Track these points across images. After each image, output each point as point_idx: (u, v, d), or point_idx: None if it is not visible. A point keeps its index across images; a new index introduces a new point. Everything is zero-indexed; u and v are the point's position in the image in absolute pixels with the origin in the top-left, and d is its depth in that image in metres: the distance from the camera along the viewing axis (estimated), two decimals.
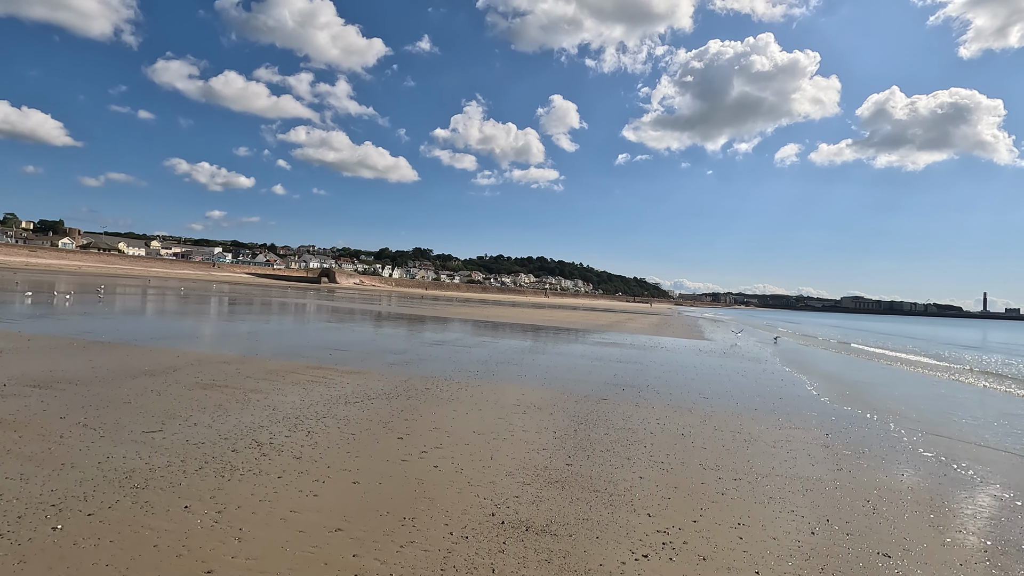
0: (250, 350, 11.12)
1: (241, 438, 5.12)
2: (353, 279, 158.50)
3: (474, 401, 7.57)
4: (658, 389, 9.64)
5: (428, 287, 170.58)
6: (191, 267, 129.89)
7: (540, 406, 7.55)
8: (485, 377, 9.68)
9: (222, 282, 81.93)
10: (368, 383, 8.31)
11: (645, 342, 20.40)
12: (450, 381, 8.98)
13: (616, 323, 34.52)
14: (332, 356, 11.01)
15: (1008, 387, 13.96)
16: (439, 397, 7.66)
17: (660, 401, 8.52)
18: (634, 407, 7.92)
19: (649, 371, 12.00)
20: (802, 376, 13.10)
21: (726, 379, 11.56)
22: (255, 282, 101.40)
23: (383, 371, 9.53)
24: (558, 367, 11.68)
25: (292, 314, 24.09)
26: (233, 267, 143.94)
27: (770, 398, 9.52)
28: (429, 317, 28.25)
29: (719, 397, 9.26)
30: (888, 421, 8.20)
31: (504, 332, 21.12)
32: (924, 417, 8.83)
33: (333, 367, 9.61)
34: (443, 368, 10.36)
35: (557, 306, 74.60)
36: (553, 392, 8.70)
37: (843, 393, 10.93)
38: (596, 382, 9.99)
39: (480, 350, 13.90)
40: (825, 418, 8.10)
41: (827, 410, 8.80)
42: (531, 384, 9.32)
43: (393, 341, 14.86)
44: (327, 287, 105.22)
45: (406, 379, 8.87)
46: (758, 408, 8.50)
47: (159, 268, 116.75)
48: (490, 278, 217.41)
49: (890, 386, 12.89)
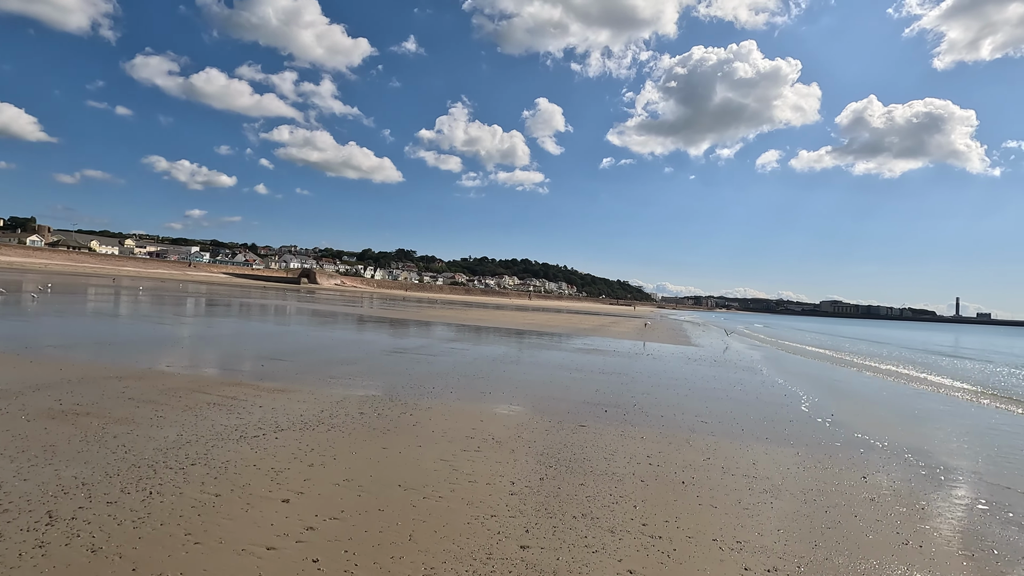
0: (161, 361, 9.31)
1: (29, 510, 3.41)
2: (334, 280, 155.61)
3: (417, 432, 5.93)
4: (647, 410, 8.09)
5: (410, 289, 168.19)
6: (166, 266, 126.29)
7: (501, 438, 5.93)
8: (441, 395, 8.03)
9: (196, 282, 78.90)
10: (289, 406, 6.62)
11: (630, 348, 18.92)
12: (395, 402, 7.32)
13: (600, 327, 33.09)
14: (263, 368, 9.27)
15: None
16: (372, 427, 6.00)
17: (651, 428, 6.97)
18: (619, 437, 6.35)
19: (636, 385, 10.47)
20: (805, 392, 11.69)
21: (723, 395, 10.08)
22: (231, 282, 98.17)
23: (316, 388, 7.82)
24: (532, 381, 10.09)
25: (249, 316, 22.13)
26: (210, 267, 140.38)
27: (779, 421, 8.04)
28: (401, 320, 26.47)
29: (720, 421, 7.74)
30: (948, 469, 6.77)
31: (479, 337, 19.48)
32: (992, 468, 7.43)
33: (255, 383, 7.87)
34: (394, 383, 8.69)
35: (540, 309, 73.10)
36: (521, 415, 7.09)
37: (856, 413, 9.52)
38: (575, 400, 8.41)
39: (446, 359, 12.24)
40: (853, 452, 6.62)
41: (852, 441, 7.34)
42: (496, 404, 7.70)
43: (348, 348, 13.12)
44: (306, 288, 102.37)
45: (340, 400, 7.18)
46: (769, 437, 6.99)
47: (132, 267, 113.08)
48: (474, 280, 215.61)
49: (903, 408, 11.54)
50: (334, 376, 8.96)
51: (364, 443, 5.37)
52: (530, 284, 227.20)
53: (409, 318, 28.41)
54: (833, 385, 13.24)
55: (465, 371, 10.60)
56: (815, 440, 6.98)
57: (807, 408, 9.33)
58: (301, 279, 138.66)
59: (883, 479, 5.49)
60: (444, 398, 7.84)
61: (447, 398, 7.86)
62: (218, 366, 9.21)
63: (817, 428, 7.74)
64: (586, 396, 8.86)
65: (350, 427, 5.89)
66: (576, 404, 8.15)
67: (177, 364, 9.08)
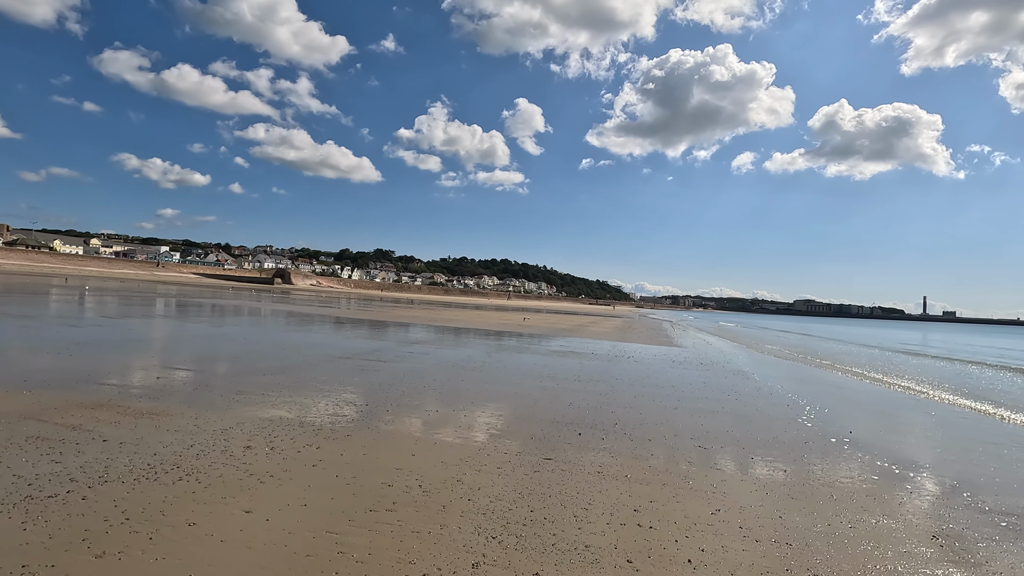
0: (21, 373, 7.38)
1: None
2: (309, 280, 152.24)
3: (313, 479, 4.22)
4: (631, 431, 6.51)
5: (388, 289, 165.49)
6: (132, 266, 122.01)
7: (432, 484, 4.26)
8: (372, 416, 6.32)
9: (162, 282, 75.36)
10: (146, 440, 4.83)
11: (610, 350, 17.41)
12: (304, 428, 5.58)
13: (578, 327, 31.61)
14: (156, 381, 7.42)
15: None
16: (252, 470, 4.26)
17: (637, 459, 5.37)
18: (596, 476, 4.74)
19: (617, 395, 8.90)
20: (807, 401, 10.29)
21: (718, 406, 8.57)
22: (200, 283, 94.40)
23: (206, 410, 6.03)
24: (494, 393, 8.44)
25: (196, 317, 19.99)
26: (180, 267, 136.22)
27: (792, 445, 6.52)
28: (365, 320, 24.55)
29: (721, 444, 6.20)
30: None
31: (445, 339, 17.74)
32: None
33: (124, 404, 6.03)
34: (315, 401, 6.94)
35: (519, 309, 71.55)
36: (470, 444, 5.44)
37: (872, 429, 8.11)
38: (542, 420, 6.78)
39: (397, 367, 10.51)
40: (894, 486, 5.13)
41: (889, 474, 5.86)
42: (441, 428, 6.03)
43: (283, 354, 11.28)
44: (280, 288, 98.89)
45: (228, 428, 5.41)
46: (788, 469, 5.45)
47: (95, 267, 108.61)
48: (453, 280, 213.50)
49: (922, 424, 10.21)
50: (243, 391, 7.16)
51: (226, 500, 3.63)
52: (510, 284, 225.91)
53: (375, 319, 26.49)
54: (832, 392, 11.89)
55: (415, 382, 8.89)
56: (847, 475, 5.47)
57: (817, 424, 7.86)
58: (275, 279, 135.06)
59: (982, 551, 3.98)
60: (374, 420, 6.13)
61: (378, 420, 6.15)
62: (95, 379, 7.32)
63: (841, 455, 6.25)
64: (557, 413, 7.23)
65: (217, 472, 4.14)
66: (544, 425, 6.52)
67: (39, 377, 7.15)
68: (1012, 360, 26.50)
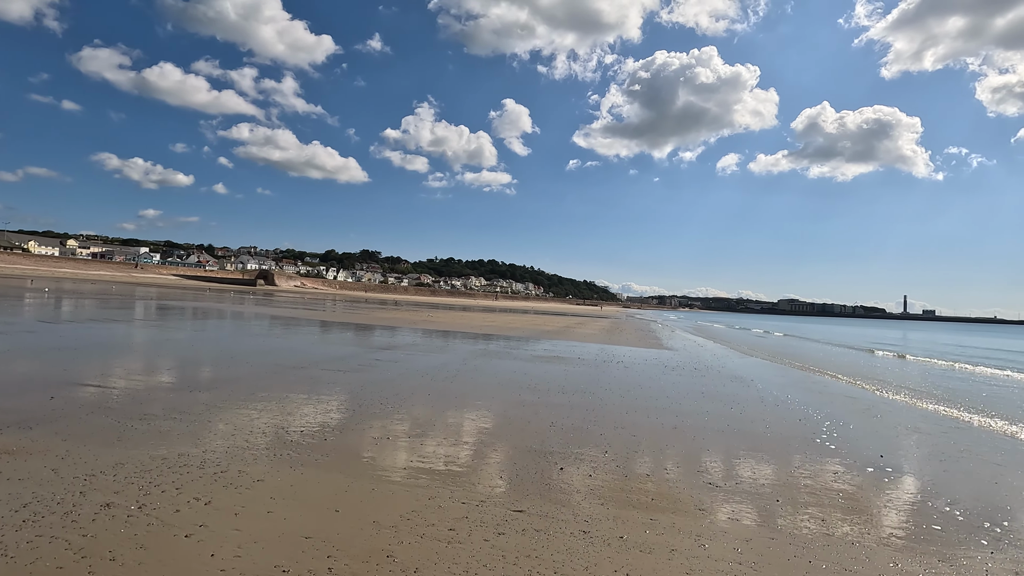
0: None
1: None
2: (294, 281, 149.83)
3: (179, 557, 2.94)
4: (624, 463, 5.30)
5: (373, 290, 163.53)
6: (109, 268, 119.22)
7: (346, 568, 3.01)
8: (304, 450, 5.04)
9: (138, 284, 73.13)
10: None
11: (597, 354, 16.26)
12: (204, 471, 4.28)
13: (565, 329, 30.47)
14: (48, 403, 6.05)
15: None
16: (89, 550, 2.97)
17: (633, 508, 4.15)
18: (581, 538, 3.52)
19: (606, 411, 7.71)
20: (818, 412, 9.21)
21: (724, 424, 7.41)
22: (178, 284, 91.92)
23: (79, 445, 4.70)
24: (464, 411, 7.20)
25: (149, 323, 18.45)
26: (159, 268, 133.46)
27: (822, 477, 5.37)
28: (341, 324, 23.14)
29: (737, 481, 5.00)
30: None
31: (423, 344, 16.43)
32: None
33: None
34: (238, 428, 5.62)
35: (506, 309, 70.43)
36: (418, 490, 4.19)
37: (904, 453, 7.02)
38: (517, 448, 5.56)
39: (357, 377, 9.22)
40: (963, 541, 3.99)
41: (953, 522, 4.73)
42: (385, 466, 4.77)
43: (233, 363, 9.91)
44: (262, 290, 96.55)
45: (102, 471, 4.09)
46: (825, 517, 4.26)
47: (70, 269, 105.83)
48: (440, 281, 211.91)
49: (948, 444, 9.16)
50: (148, 415, 5.82)
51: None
52: (497, 285, 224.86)
53: (351, 321, 25.07)
54: (843, 403, 10.84)
55: (373, 398, 7.61)
56: (899, 523, 4.32)
57: (841, 446, 6.73)
58: (257, 280, 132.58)
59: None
60: (302, 456, 4.85)
61: (306, 456, 4.86)
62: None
63: (882, 489, 5.11)
64: (535, 437, 6.01)
65: (20, 558, 2.84)
66: (518, 455, 5.29)
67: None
68: (1004, 361, 25.87)
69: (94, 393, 6.72)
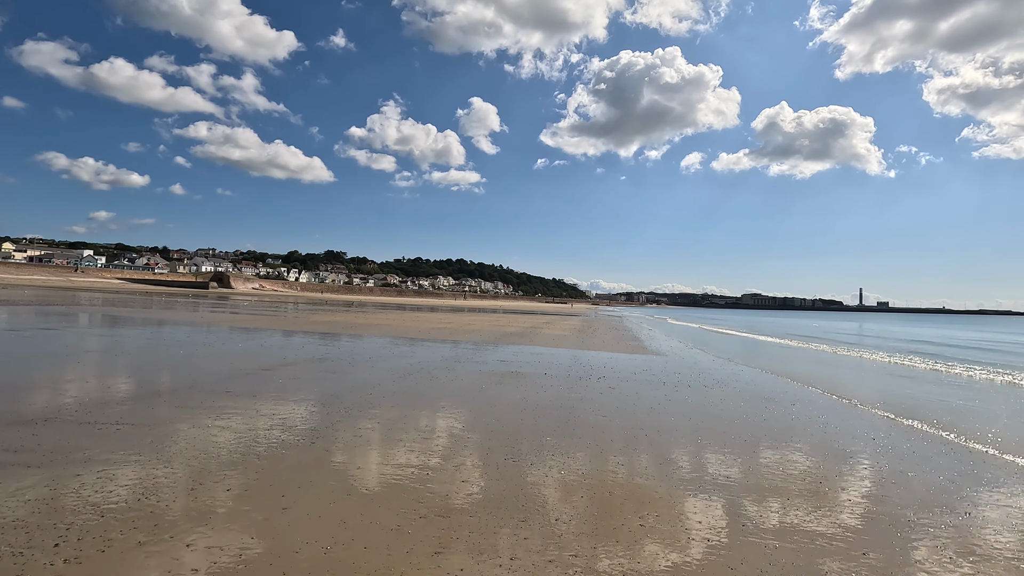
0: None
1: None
2: (252, 284, 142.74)
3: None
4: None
5: (336, 291, 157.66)
6: (45, 272, 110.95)
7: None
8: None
9: (74, 288, 66.56)
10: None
11: (570, 365, 13.09)
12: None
13: (531, 329, 27.28)
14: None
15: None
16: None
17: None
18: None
19: (594, 483, 4.50)
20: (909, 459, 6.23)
21: (778, 479, 4.29)
22: (120, 288, 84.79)
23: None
24: (337, 498, 3.84)
25: (20, 335, 14.32)
26: (103, 272, 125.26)
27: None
28: (269, 331, 19.31)
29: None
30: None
31: (355, 354, 12.87)
32: None
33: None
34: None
35: (473, 309, 67.00)
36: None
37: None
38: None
39: (191, 431, 5.73)
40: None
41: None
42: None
43: (61, 392, 6.25)
44: (216, 293, 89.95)
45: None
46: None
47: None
48: (407, 281, 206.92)
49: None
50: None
51: None
52: (465, 284, 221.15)
53: (286, 328, 21.22)
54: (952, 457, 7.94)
55: (203, 466, 4.17)
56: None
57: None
58: (210, 283, 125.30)
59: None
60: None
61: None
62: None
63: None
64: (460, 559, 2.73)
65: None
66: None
67: None
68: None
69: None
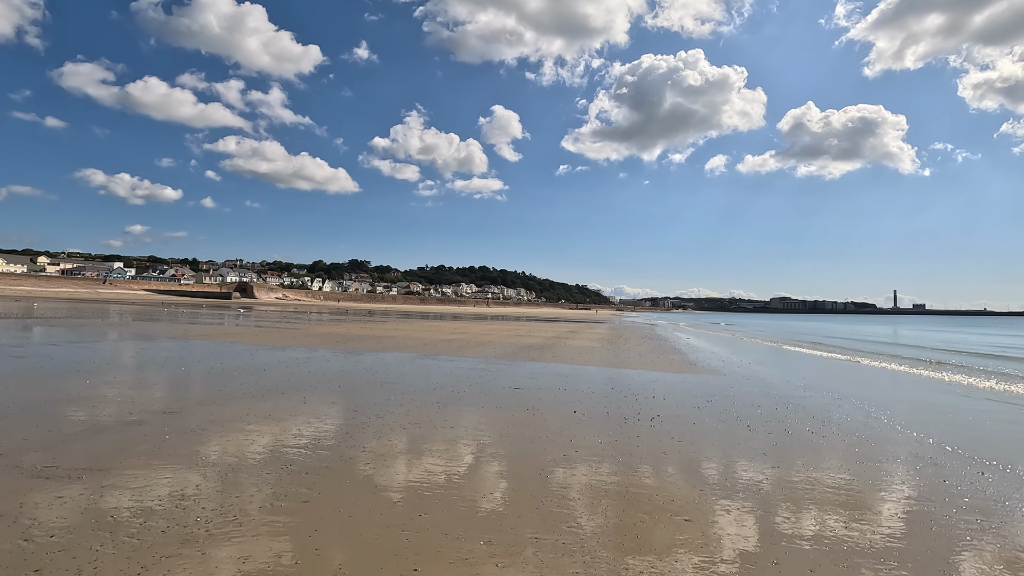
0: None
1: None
2: (275, 294, 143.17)
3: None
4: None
5: (360, 300, 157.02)
6: (74, 284, 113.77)
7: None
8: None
9: (99, 300, 66.32)
10: None
11: (606, 392, 9.85)
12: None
13: (555, 340, 24.02)
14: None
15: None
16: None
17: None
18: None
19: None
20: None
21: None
22: (145, 299, 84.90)
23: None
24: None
25: (43, 346, 11.82)
26: (130, 283, 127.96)
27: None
28: (267, 347, 16.56)
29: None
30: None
31: (354, 376, 9.88)
32: None
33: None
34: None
35: (496, 316, 64.12)
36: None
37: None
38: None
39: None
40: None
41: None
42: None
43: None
44: (238, 303, 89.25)
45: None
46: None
47: (30, 286, 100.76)
48: (430, 289, 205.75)
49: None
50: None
51: None
52: (488, 291, 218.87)
53: (272, 342, 18.48)
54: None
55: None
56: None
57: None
58: (234, 293, 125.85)
59: None
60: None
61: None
62: None
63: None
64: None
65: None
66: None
67: None
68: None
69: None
